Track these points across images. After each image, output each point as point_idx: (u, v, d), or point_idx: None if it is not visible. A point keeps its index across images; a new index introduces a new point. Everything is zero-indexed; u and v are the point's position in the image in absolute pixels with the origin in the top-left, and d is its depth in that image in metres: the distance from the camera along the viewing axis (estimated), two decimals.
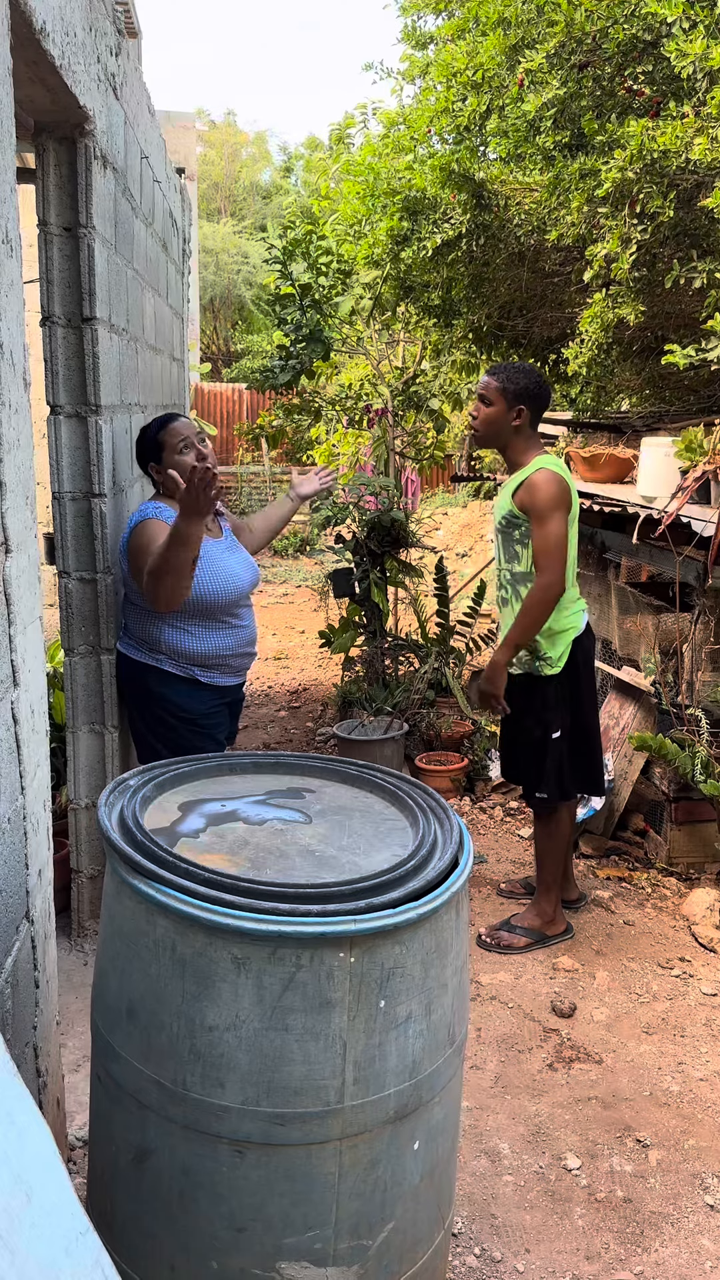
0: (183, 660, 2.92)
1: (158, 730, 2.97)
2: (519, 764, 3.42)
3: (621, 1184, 2.37)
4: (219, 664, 2.97)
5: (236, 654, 3.01)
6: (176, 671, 2.93)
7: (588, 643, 3.33)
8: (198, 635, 2.91)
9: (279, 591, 9.93)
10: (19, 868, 1.66)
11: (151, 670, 2.94)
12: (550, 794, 3.33)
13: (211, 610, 2.90)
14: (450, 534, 11.46)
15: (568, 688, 3.27)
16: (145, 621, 2.91)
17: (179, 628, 2.89)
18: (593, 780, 3.42)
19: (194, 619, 2.89)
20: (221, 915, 1.41)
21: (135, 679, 2.98)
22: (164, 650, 2.91)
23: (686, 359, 3.24)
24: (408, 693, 5.09)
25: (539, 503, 3.09)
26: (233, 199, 28.98)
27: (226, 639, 2.96)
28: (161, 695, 2.94)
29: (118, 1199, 1.60)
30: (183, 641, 2.90)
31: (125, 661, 3.00)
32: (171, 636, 2.89)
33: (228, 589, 2.92)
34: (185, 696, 2.94)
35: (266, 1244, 1.48)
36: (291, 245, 5.43)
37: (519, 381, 3.18)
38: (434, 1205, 1.66)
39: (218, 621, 2.94)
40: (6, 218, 1.57)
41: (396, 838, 1.76)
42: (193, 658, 2.92)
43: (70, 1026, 2.78)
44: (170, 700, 2.94)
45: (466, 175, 3.89)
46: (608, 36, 3.35)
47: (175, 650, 2.91)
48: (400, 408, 5.87)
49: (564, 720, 3.29)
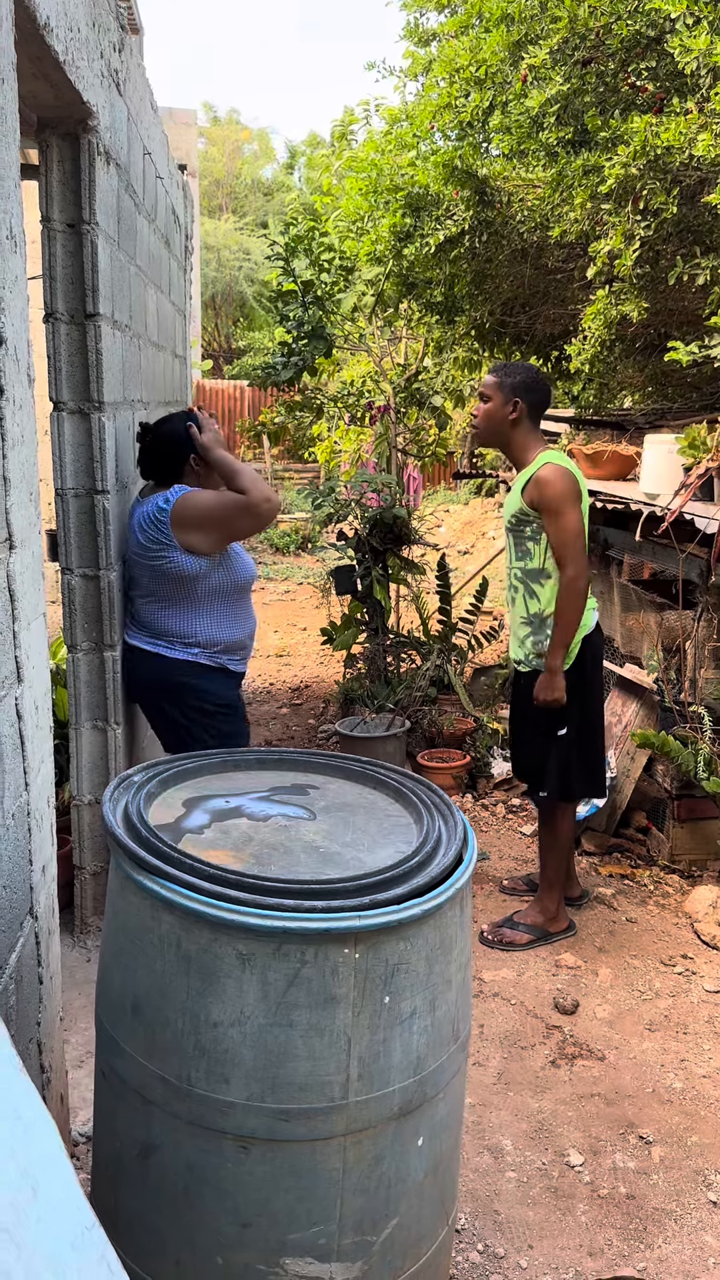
0: (215, 650, 3.01)
1: (201, 721, 3.02)
2: (527, 761, 3.42)
3: (624, 1180, 2.37)
4: (241, 649, 3.10)
5: (251, 636, 3.15)
6: (209, 663, 3.01)
7: (598, 642, 3.32)
8: (231, 621, 3.02)
9: (281, 589, 9.92)
10: (23, 864, 1.66)
11: (190, 666, 2.99)
12: (552, 793, 3.32)
13: (242, 590, 3.04)
14: (452, 531, 11.46)
15: (576, 686, 3.26)
16: (181, 618, 2.96)
17: (216, 616, 2.99)
18: (595, 781, 3.40)
19: (227, 604, 3.00)
20: (226, 911, 1.41)
21: (168, 676, 3.00)
22: (200, 643, 2.99)
23: (689, 356, 3.24)
24: (410, 690, 5.09)
25: (550, 497, 3.09)
26: (235, 195, 28.97)
27: (249, 624, 3.11)
28: (198, 687, 3.00)
29: (122, 1195, 1.60)
30: (218, 630, 3.00)
31: (150, 660, 3.01)
32: (209, 627, 2.98)
33: (250, 569, 3.09)
34: (220, 685, 3.04)
35: (271, 1240, 1.48)
36: (294, 242, 5.42)
37: (515, 376, 3.21)
38: (437, 1201, 1.66)
39: (241, 606, 3.06)
40: (10, 214, 1.57)
41: (400, 834, 1.76)
42: (225, 645, 3.02)
43: (73, 1023, 2.78)
44: (208, 690, 3.01)
45: (469, 171, 3.89)
46: (611, 32, 3.35)
47: (212, 641, 2.99)
48: (402, 405, 5.87)
49: (572, 719, 3.28)
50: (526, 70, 3.60)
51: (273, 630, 8.07)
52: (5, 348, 1.53)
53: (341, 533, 5.35)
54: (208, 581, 2.93)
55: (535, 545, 3.20)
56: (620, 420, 5.57)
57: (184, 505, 2.86)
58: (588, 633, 3.26)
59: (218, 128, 29.90)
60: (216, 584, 2.96)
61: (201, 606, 2.96)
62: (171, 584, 2.93)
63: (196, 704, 3.01)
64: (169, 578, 2.91)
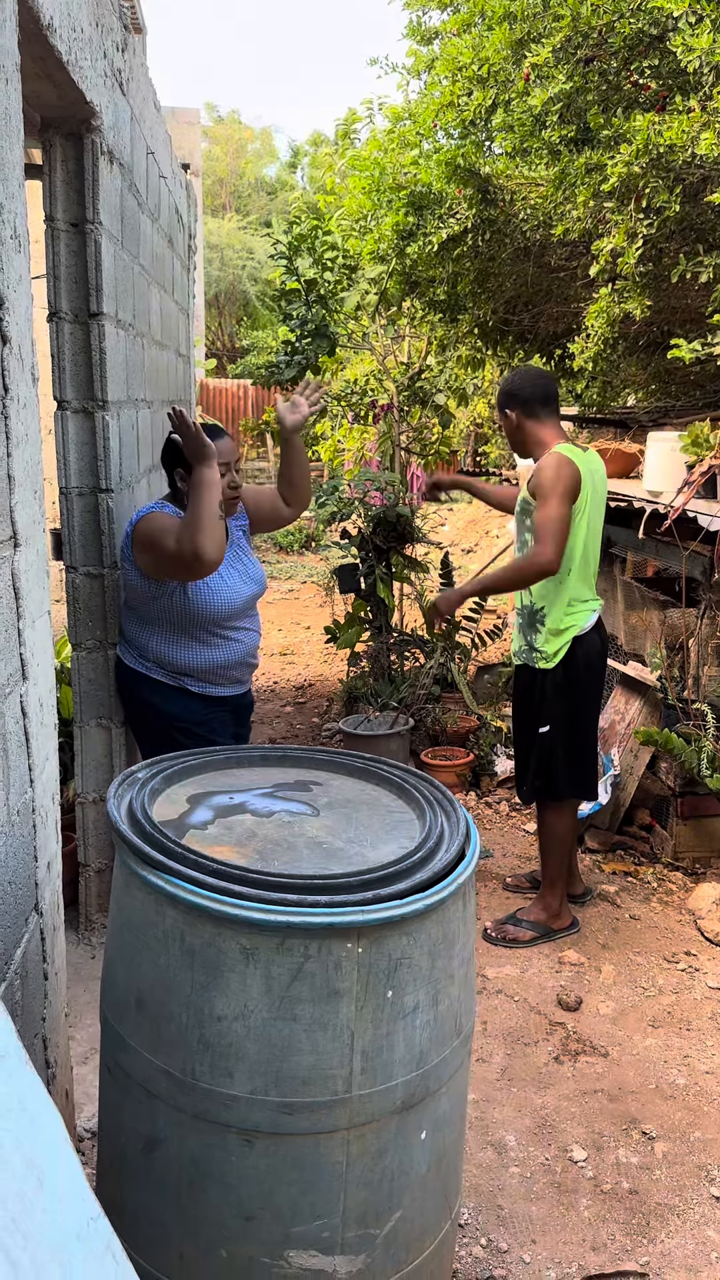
0: (171, 670, 2.86)
1: (154, 738, 2.91)
2: (516, 758, 3.43)
3: (627, 1176, 2.38)
4: (213, 675, 2.88)
5: (234, 666, 2.92)
6: (166, 680, 2.86)
7: (593, 643, 3.27)
8: (186, 647, 2.83)
9: (285, 587, 9.94)
10: (28, 860, 1.67)
11: (142, 677, 2.88)
12: (530, 790, 3.32)
13: (201, 623, 2.81)
14: (456, 529, 11.46)
15: (565, 686, 3.25)
16: (136, 629, 2.86)
17: (167, 638, 2.82)
18: (583, 783, 3.35)
19: (182, 631, 2.81)
20: (230, 906, 1.42)
21: (129, 685, 2.94)
22: (152, 658, 2.85)
23: (693, 354, 3.24)
24: (413, 688, 5.10)
25: (540, 483, 3.10)
26: (238, 195, 28.96)
27: (218, 654, 2.86)
28: (150, 702, 2.88)
29: (127, 1188, 1.61)
30: (170, 652, 2.83)
31: (119, 667, 2.97)
32: (160, 646, 2.83)
33: (218, 604, 2.81)
34: (176, 704, 2.87)
35: (275, 1233, 1.49)
36: (297, 240, 5.43)
37: (506, 387, 3.29)
38: (441, 1195, 1.67)
39: (211, 635, 2.84)
40: (14, 213, 1.58)
41: (403, 830, 1.76)
42: (181, 668, 2.85)
43: (79, 1019, 2.79)
44: (158, 707, 2.88)
45: (472, 170, 3.89)
46: (614, 30, 3.35)
47: (163, 660, 2.84)
48: (406, 403, 5.87)
49: (555, 717, 3.26)
50: (529, 69, 3.60)
51: (277, 629, 8.08)
52: (9, 347, 1.54)
53: (345, 531, 5.35)
54: (157, 604, 2.79)
55: (531, 535, 3.20)
56: (623, 418, 5.57)
57: (142, 525, 2.72)
58: (581, 633, 3.23)
59: (221, 126, 29.90)
60: (165, 609, 2.79)
61: (153, 626, 2.83)
62: (130, 594, 2.85)
63: (152, 720, 2.91)
64: (129, 588, 2.84)
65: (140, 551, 2.73)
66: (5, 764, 1.54)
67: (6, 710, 1.54)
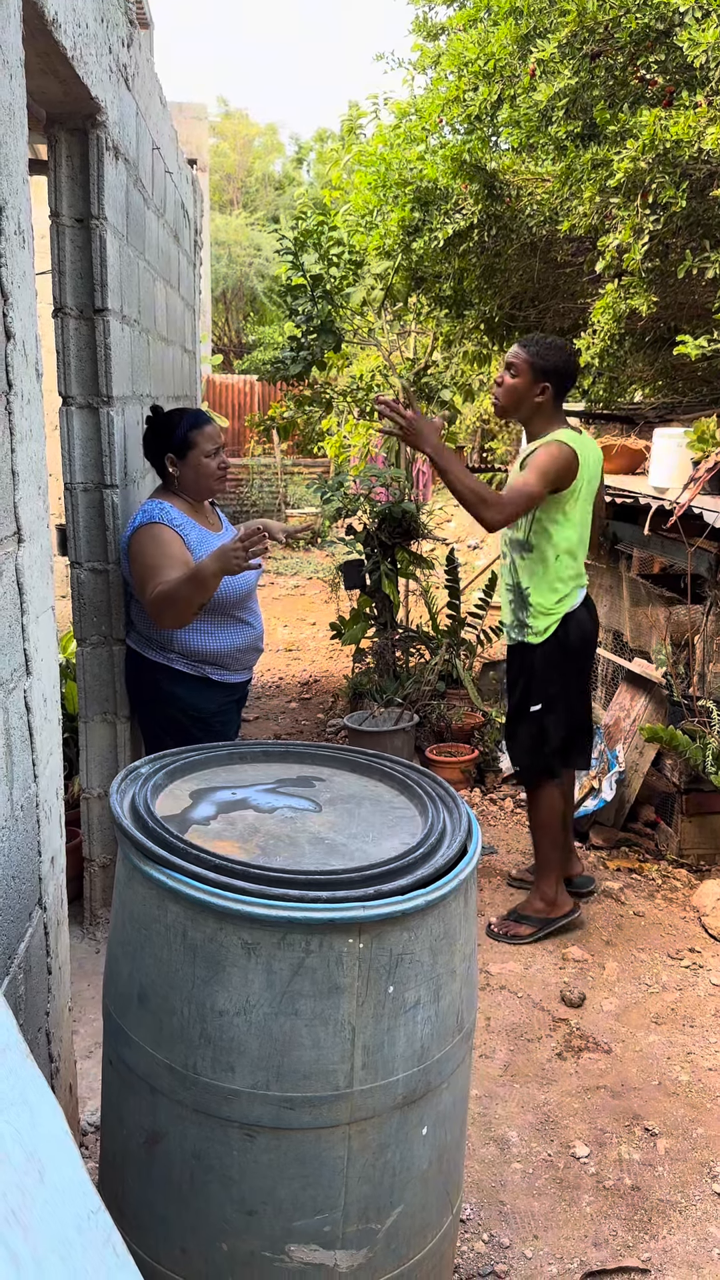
0: (195, 659, 2.89)
1: (170, 729, 2.93)
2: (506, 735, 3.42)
3: (630, 1172, 2.38)
4: (232, 661, 2.95)
5: (248, 650, 2.99)
6: (188, 670, 2.90)
7: (585, 621, 3.26)
8: (212, 634, 2.88)
9: (290, 583, 9.94)
10: (32, 855, 1.68)
11: (162, 669, 2.91)
12: (522, 767, 3.32)
13: (226, 607, 2.87)
14: (461, 526, 11.44)
15: (554, 661, 3.24)
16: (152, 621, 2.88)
17: (194, 627, 2.85)
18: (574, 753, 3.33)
19: (208, 616, 2.85)
20: (232, 901, 1.42)
21: (145, 677, 2.95)
22: (176, 649, 2.88)
23: (699, 350, 3.23)
24: (418, 684, 5.10)
25: (534, 459, 3.07)
26: (245, 191, 28.93)
27: (239, 636, 2.94)
28: (173, 694, 2.91)
29: (129, 1183, 1.62)
30: (197, 641, 2.87)
31: (134, 659, 2.98)
32: (185, 635, 2.86)
33: (238, 585, 2.87)
34: (197, 695, 2.92)
35: (276, 1227, 1.49)
36: (303, 236, 5.42)
37: (548, 358, 3.14)
38: (442, 1190, 1.67)
39: (231, 618, 2.91)
40: (19, 209, 1.58)
41: (405, 826, 1.77)
42: (206, 656, 2.89)
43: (82, 1014, 2.80)
44: (182, 699, 2.91)
45: (478, 165, 3.88)
46: (620, 26, 3.34)
47: (188, 649, 2.88)
48: (411, 399, 5.86)
49: (546, 695, 3.25)
50: (535, 64, 3.59)
51: (282, 625, 8.09)
52: (14, 342, 1.54)
53: (350, 527, 5.35)
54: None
55: (522, 517, 3.19)
56: (630, 414, 5.56)
57: (139, 541, 2.77)
58: (572, 609, 3.22)
59: (229, 122, 29.84)
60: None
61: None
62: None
63: (170, 712, 2.93)
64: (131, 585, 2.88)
65: (129, 560, 2.81)
66: (9, 759, 1.54)
67: (10, 705, 1.55)
